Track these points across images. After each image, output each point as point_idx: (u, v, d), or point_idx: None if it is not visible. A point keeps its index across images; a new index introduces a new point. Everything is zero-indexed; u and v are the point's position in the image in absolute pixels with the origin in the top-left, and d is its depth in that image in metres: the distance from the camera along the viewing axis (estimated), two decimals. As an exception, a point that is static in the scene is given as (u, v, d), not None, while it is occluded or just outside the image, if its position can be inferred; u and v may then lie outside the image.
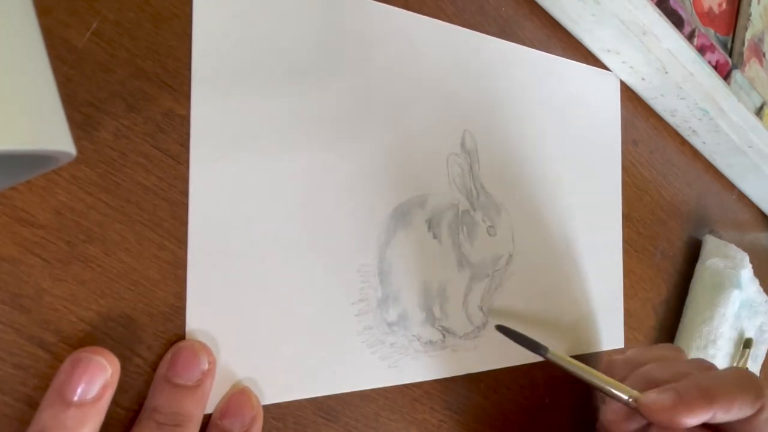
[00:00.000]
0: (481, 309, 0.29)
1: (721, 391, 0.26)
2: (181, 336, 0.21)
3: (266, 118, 0.23)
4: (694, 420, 0.25)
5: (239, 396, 0.21)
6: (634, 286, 0.39)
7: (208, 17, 0.22)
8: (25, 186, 0.18)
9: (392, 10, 0.27)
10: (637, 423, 0.28)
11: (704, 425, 0.26)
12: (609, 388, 0.27)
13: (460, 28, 0.30)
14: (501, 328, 0.28)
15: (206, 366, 0.20)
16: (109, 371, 0.18)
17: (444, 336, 0.28)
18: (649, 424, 0.28)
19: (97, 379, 0.18)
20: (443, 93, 0.29)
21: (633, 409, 0.27)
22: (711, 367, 0.29)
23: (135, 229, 0.20)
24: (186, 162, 0.21)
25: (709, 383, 0.26)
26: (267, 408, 0.23)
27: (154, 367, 0.21)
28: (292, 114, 0.24)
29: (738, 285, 0.42)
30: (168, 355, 0.20)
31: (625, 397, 0.27)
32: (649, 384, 0.28)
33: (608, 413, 0.29)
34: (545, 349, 0.27)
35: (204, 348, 0.21)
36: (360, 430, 0.25)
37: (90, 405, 0.18)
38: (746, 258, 0.43)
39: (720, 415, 0.26)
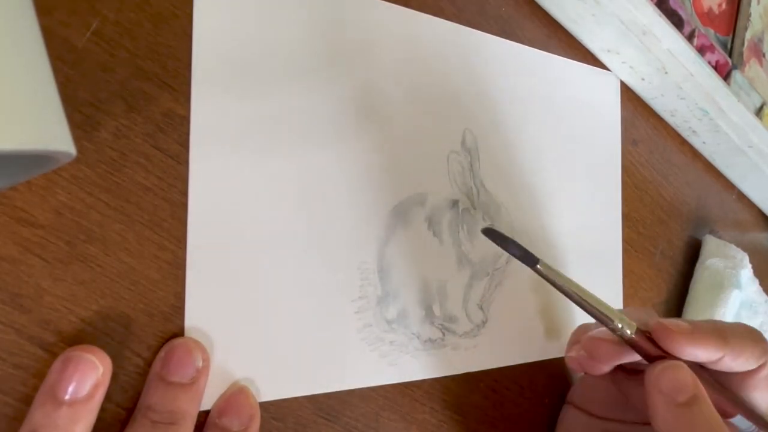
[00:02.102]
0: (481, 307, 0.29)
1: (735, 337, 0.25)
2: (181, 335, 0.21)
3: (266, 116, 0.23)
4: (705, 354, 0.24)
5: (237, 394, 0.21)
6: (634, 286, 0.39)
7: (208, 17, 0.22)
8: (25, 186, 0.18)
9: (393, 8, 0.27)
10: (619, 356, 0.26)
11: (706, 373, 0.25)
12: (600, 312, 0.25)
13: (461, 26, 0.30)
14: (488, 231, 0.25)
15: (200, 363, 0.20)
16: (101, 370, 0.18)
17: (444, 334, 0.28)
18: (632, 372, 0.26)
19: (88, 378, 0.18)
20: (444, 91, 0.29)
21: (626, 343, 0.25)
22: None
23: (135, 229, 0.20)
24: (186, 162, 0.21)
25: (724, 327, 0.25)
26: (267, 408, 0.23)
27: (154, 367, 0.21)
28: (292, 113, 0.24)
29: (738, 285, 0.42)
30: (162, 353, 0.20)
31: (620, 325, 0.25)
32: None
33: (591, 338, 0.27)
34: (536, 259, 0.25)
35: (198, 345, 0.21)
36: (360, 430, 0.25)
37: (82, 404, 0.18)
38: (746, 258, 0.43)
39: (728, 359, 0.25)
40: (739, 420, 0.26)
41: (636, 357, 0.26)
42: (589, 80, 0.36)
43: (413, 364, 0.27)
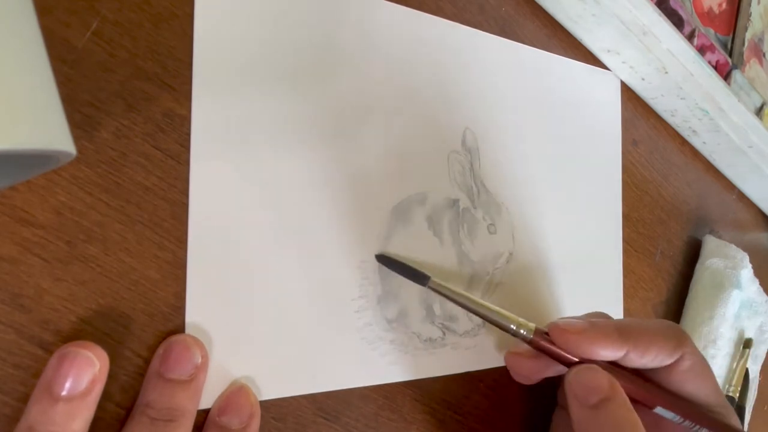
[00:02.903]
0: (481, 308, 0.29)
1: (639, 334, 0.25)
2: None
3: (266, 116, 0.23)
4: (604, 352, 0.24)
5: (237, 393, 0.21)
6: (634, 286, 0.39)
7: (208, 17, 0.22)
8: (25, 186, 0.18)
9: (393, 7, 0.27)
10: (542, 368, 0.26)
11: (628, 370, 0.26)
12: (497, 318, 0.25)
13: (462, 25, 0.30)
14: (381, 258, 0.25)
15: (199, 360, 0.20)
16: (98, 365, 0.18)
17: (444, 333, 0.28)
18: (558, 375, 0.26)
19: (85, 374, 0.18)
20: (444, 91, 0.29)
21: (531, 346, 0.25)
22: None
23: (135, 229, 0.20)
24: (186, 162, 0.21)
25: (627, 324, 0.26)
26: (267, 408, 0.23)
27: (154, 366, 0.21)
28: (292, 112, 0.24)
29: (738, 285, 0.42)
30: (160, 350, 0.20)
31: (515, 328, 0.25)
32: None
33: (509, 353, 0.27)
34: (426, 278, 0.25)
35: (196, 342, 0.21)
36: (360, 430, 0.25)
37: (79, 399, 0.18)
38: (746, 258, 0.43)
39: (634, 356, 0.25)
40: (660, 411, 0.26)
41: (556, 368, 0.26)
42: (589, 80, 0.36)
43: (413, 364, 0.27)
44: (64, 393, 0.17)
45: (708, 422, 0.26)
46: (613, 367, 0.25)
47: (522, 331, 0.25)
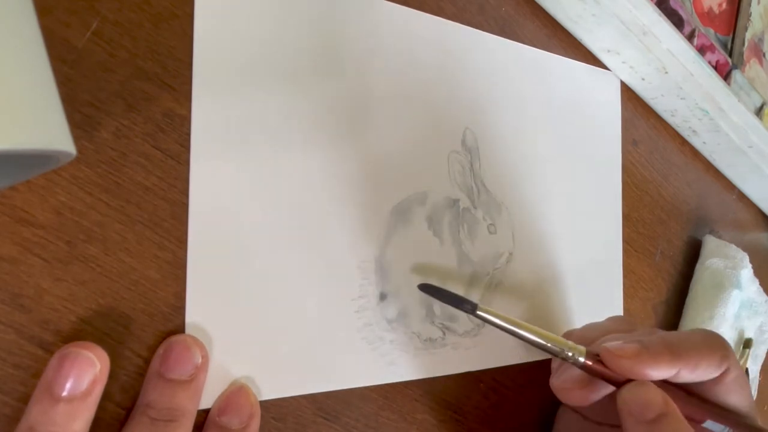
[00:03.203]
0: (481, 308, 0.29)
1: (688, 349, 0.25)
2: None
3: (266, 116, 0.23)
4: (657, 373, 0.24)
5: (237, 393, 0.21)
6: (634, 286, 0.39)
7: (209, 16, 0.22)
8: (25, 186, 0.18)
9: (393, 7, 0.27)
10: (590, 390, 0.26)
11: (673, 385, 0.26)
12: (549, 343, 0.25)
13: (462, 25, 0.30)
14: (425, 287, 0.25)
15: (199, 360, 0.20)
16: (98, 366, 0.18)
17: (444, 333, 0.28)
18: (607, 396, 0.26)
19: (86, 374, 0.18)
20: (444, 90, 0.29)
21: (585, 371, 0.25)
22: (659, 332, 0.27)
23: (135, 229, 0.20)
24: (186, 162, 0.21)
25: (676, 340, 0.25)
26: (267, 408, 0.23)
27: (154, 366, 0.21)
28: (292, 112, 0.24)
29: (738, 285, 0.42)
30: (160, 350, 0.20)
31: (567, 352, 0.25)
32: None
33: (558, 379, 0.27)
34: (474, 305, 0.25)
35: (196, 342, 0.21)
36: (360, 430, 0.25)
37: (80, 400, 0.18)
38: (746, 258, 0.43)
39: (685, 373, 0.25)
40: (711, 424, 0.26)
41: (607, 391, 0.26)
42: (589, 80, 0.36)
43: (414, 364, 0.27)
44: (64, 393, 0.17)
45: None
46: (661, 383, 0.25)
47: (573, 355, 0.25)
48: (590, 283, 0.35)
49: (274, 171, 0.23)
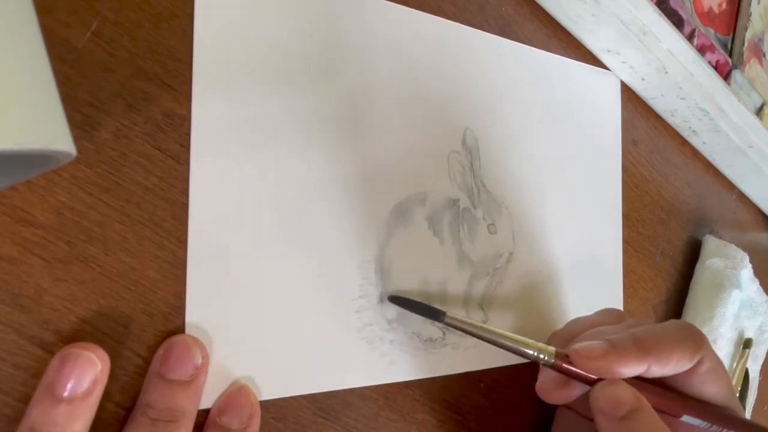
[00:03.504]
0: (482, 307, 0.29)
1: (657, 344, 0.25)
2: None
3: (267, 116, 0.23)
4: (627, 370, 0.24)
5: (237, 393, 0.21)
6: (634, 286, 0.39)
7: (209, 17, 0.22)
8: (25, 186, 0.18)
9: (393, 7, 0.27)
10: (569, 389, 0.26)
11: (648, 380, 0.26)
12: (518, 346, 0.25)
13: (462, 25, 0.30)
14: (394, 299, 0.26)
15: (199, 360, 0.20)
16: (99, 366, 0.18)
17: (444, 333, 0.28)
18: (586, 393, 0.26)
19: (86, 375, 0.18)
20: (444, 90, 0.29)
21: (557, 371, 0.25)
22: (649, 322, 0.28)
23: (135, 229, 0.20)
24: (186, 162, 0.21)
25: (645, 336, 0.25)
26: (267, 408, 0.23)
27: (154, 367, 0.21)
28: (293, 112, 0.24)
29: (738, 285, 0.42)
30: (160, 351, 0.20)
31: (536, 354, 0.25)
32: None
33: (539, 380, 0.27)
34: (443, 314, 0.25)
35: (197, 342, 0.21)
36: (360, 430, 0.25)
37: (80, 400, 0.18)
38: (746, 258, 0.43)
39: (656, 368, 0.25)
40: (687, 419, 0.26)
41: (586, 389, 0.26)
42: (589, 80, 0.36)
43: (414, 364, 0.27)
44: (65, 394, 0.18)
45: (735, 425, 0.26)
46: (634, 379, 0.25)
47: (543, 356, 0.25)
48: (590, 283, 0.35)
49: (273, 171, 0.23)
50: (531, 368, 0.32)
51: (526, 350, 0.25)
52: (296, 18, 0.24)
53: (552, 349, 0.25)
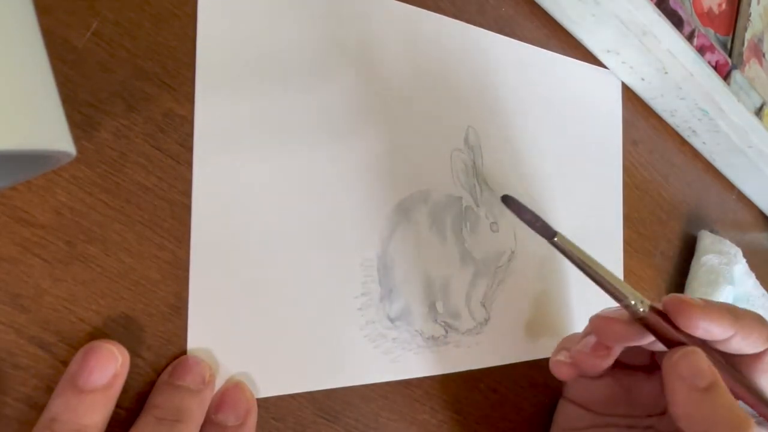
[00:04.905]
0: (484, 305, 0.29)
1: (746, 317, 0.25)
2: (182, 335, 0.21)
3: (269, 115, 0.23)
4: (718, 329, 0.24)
5: (233, 389, 0.21)
6: (634, 286, 0.39)
7: (212, 17, 0.22)
8: (25, 186, 0.18)
9: (395, 5, 0.27)
10: (630, 337, 0.26)
11: (718, 354, 0.25)
12: (614, 287, 0.24)
13: (464, 23, 0.30)
14: (507, 199, 0.25)
15: (207, 375, 0.21)
16: (120, 360, 0.19)
17: (446, 332, 0.28)
18: (633, 367, 0.26)
19: (108, 367, 0.18)
20: (446, 89, 0.29)
21: (638, 321, 0.25)
22: None
23: (135, 229, 0.20)
24: (186, 162, 0.21)
25: (734, 306, 0.25)
26: (267, 408, 0.23)
27: (155, 366, 0.21)
28: (295, 111, 0.24)
29: (731, 281, 0.42)
30: (169, 368, 0.21)
31: (633, 302, 0.24)
32: None
33: (600, 316, 0.27)
34: (554, 233, 0.25)
35: (204, 362, 0.21)
36: (360, 430, 0.25)
37: (101, 392, 0.18)
38: (740, 253, 0.43)
39: (738, 338, 0.25)
40: (742, 404, 0.26)
41: (646, 339, 0.25)
42: (591, 79, 0.36)
43: (416, 361, 0.27)
44: (88, 385, 0.18)
45: None
46: (710, 352, 0.25)
47: (638, 306, 0.24)
48: (591, 283, 0.35)
49: (276, 170, 0.23)
50: (531, 368, 0.32)
51: (623, 295, 0.24)
52: (298, 17, 0.24)
53: (648, 302, 0.25)
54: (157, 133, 0.21)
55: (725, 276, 0.42)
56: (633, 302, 0.24)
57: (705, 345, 0.25)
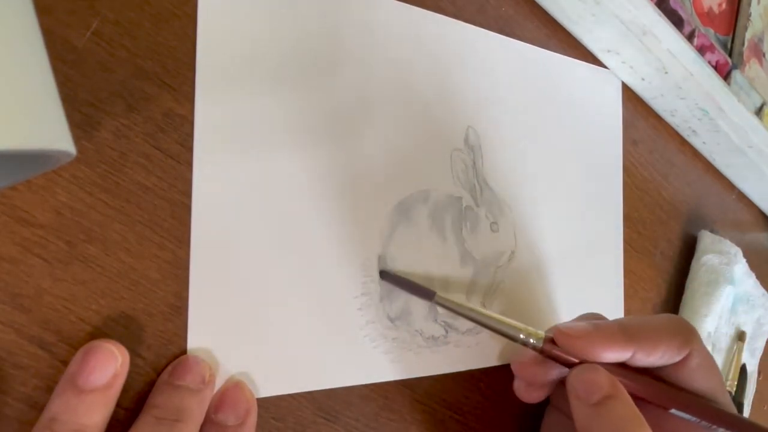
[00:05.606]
0: (484, 305, 0.29)
1: (644, 333, 0.25)
2: (182, 335, 0.21)
3: (269, 115, 0.23)
4: (610, 354, 0.24)
5: (233, 389, 0.21)
6: (634, 286, 0.39)
7: (212, 16, 0.22)
8: (25, 186, 0.18)
9: (395, 5, 0.27)
10: (548, 372, 0.26)
11: (638, 370, 0.26)
12: (504, 329, 0.25)
13: (463, 23, 0.30)
14: (386, 275, 0.26)
15: (207, 375, 0.21)
16: (120, 359, 0.19)
17: (446, 331, 0.28)
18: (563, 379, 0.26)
19: (108, 367, 0.18)
20: (446, 88, 0.29)
21: (541, 354, 0.25)
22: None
23: (135, 229, 0.20)
24: (186, 162, 0.21)
25: (632, 324, 0.25)
26: (267, 408, 0.23)
27: (155, 366, 0.21)
28: (296, 111, 0.24)
29: (731, 281, 0.42)
30: (169, 368, 0.21)
31: (523, 336, 0.25)
32: None
33: (517, 358, 0.27)
34: (432, 293, 0.25)
35: (204, 361, 0.21)
36: (360, 430, 0.25)
37: (101, 392, 0.18)
38: (740, 253, 0.43)
39: (640, 356, 0.25)
40: (676, 412, 0.26)
41: (563, 371, 0.26)
42: (589, 79, 0.36)
43: (416, 361, 0.27)
44: (88, 385, 0.18)
45: (723, 420, 0.26)
46: (623, 368, 0.25)
47: (531, 340, 0.25)
48: (591, 283, 0.35)
49: (276, 169, 0.23)
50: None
51: (515, 334, 0.25)
52: (299, 17, 0.24)
53: (541, 333, 0.25)
54: (157, 132, 0.21)
55: (725, 276, 0.42)
56: (525, 338, 0.25)
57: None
